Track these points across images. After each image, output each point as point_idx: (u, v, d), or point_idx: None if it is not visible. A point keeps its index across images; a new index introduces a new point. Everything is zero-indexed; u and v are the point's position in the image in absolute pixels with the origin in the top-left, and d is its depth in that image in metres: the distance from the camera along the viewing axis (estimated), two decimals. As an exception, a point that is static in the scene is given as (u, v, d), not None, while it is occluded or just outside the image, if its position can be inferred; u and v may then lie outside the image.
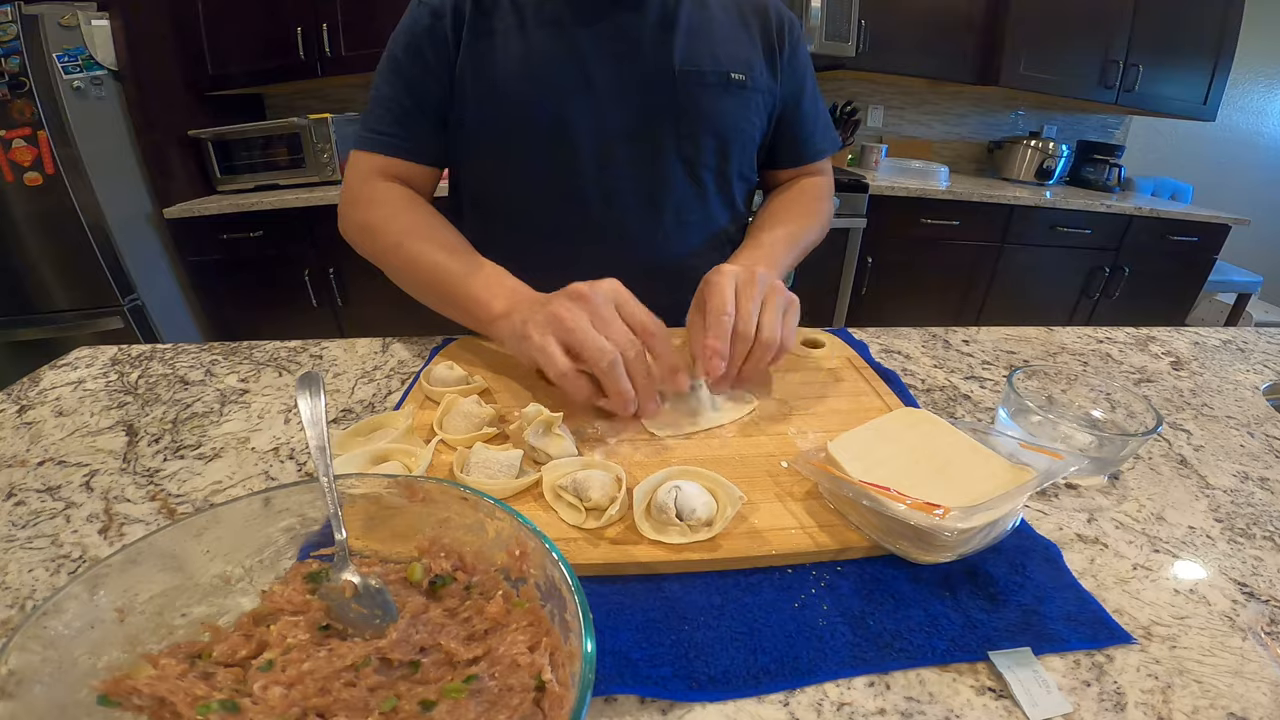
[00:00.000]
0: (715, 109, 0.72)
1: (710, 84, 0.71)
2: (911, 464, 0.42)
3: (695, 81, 0.70)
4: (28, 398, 0.61)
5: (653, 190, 0.74)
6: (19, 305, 1.96)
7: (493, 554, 0.33)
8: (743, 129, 0.76)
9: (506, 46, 0.69)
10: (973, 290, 2.40)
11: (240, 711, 0.25)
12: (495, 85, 0.69)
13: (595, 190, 0.73)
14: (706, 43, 0.71)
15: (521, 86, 0.69)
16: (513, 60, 0.69)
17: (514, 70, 0.69)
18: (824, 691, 0.31)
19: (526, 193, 0.75)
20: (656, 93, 0.70)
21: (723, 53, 0.72)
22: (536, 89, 0.69)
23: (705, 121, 0.72)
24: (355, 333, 0.76)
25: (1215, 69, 2.42)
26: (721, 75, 0.71)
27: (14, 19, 1.68)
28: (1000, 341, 0.76)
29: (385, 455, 0.45)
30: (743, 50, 0.73)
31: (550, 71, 0.69)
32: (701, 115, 0.72)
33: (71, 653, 0.26)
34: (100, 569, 0.27)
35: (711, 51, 0.71)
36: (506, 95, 0.70)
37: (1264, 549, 0.42)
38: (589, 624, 0.25)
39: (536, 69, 0.69)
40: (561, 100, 0.69)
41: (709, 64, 0.71)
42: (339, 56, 2.14)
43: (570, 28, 0.69)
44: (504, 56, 0.69)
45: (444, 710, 0.25)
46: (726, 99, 0.72)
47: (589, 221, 0.74)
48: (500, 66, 0.69)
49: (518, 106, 0.70)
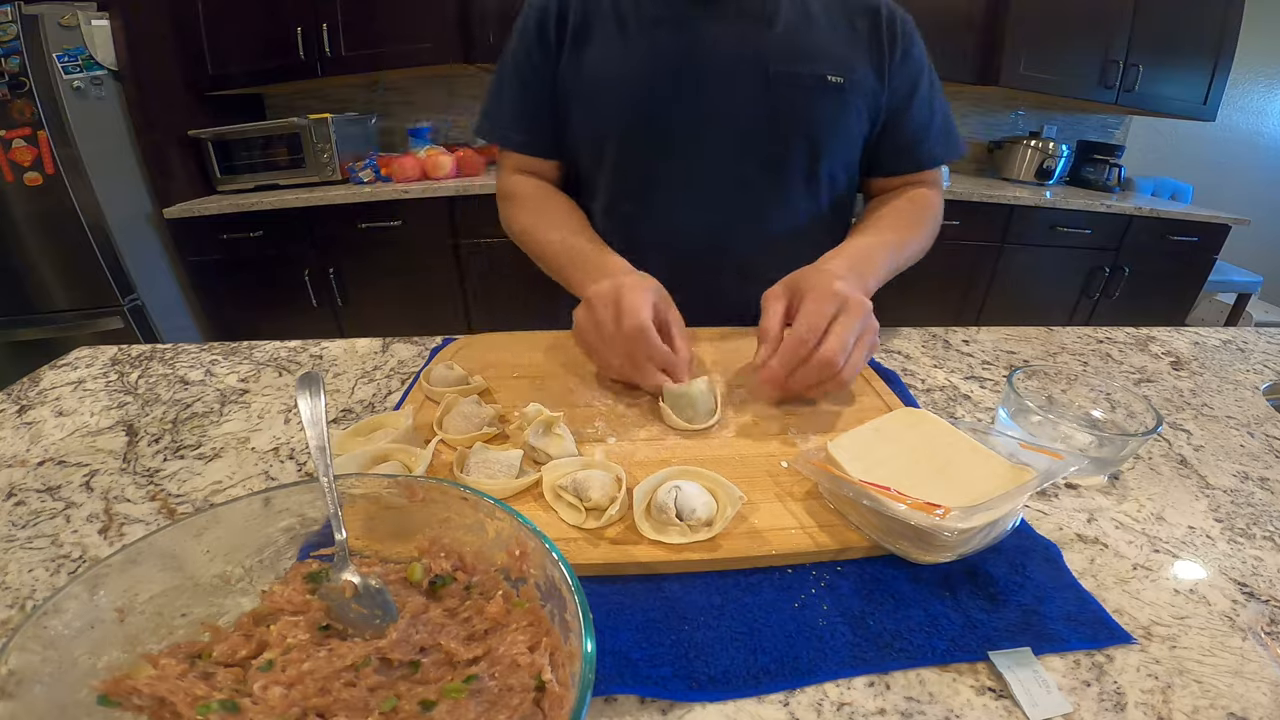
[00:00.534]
0: (808, 111, 0.72)
1: (804, 85, 0.70)
2: (911, 464, 0.41)
3: (788, 82, 0.70)
4: (28, 398, 0.61)
5: (739, 189, 0.75)
6: (19, 305, 1.96)
7: (493, 554, 0.33)
8: (838, 132, 0.74)
9: (606, 49, 0.71)
10: (973, 290, 2.40)
11: (240, 711, 0.25)
12: (595, 87, 0.72)
13: (683, 188, 0.75)
14: (802, 43, 0.71)
15: (617, 88, 0.71)
16: (611, 62, 0.71)
17: (611, 72, 0.71)
18: (824, 691, 0.31)
19: (620, 188, 0.77)
20: (748, 93, 0.70)
21: (820, 53, 0.71)
22: (630, 90, 0.71)
23: (796, 123, 0.72)
24: (355, 333, 0.76)
25: (1215, 69, 2.41)
26: (817, 77, 0.70)
27: (14, 19, 1.68)
28: (1000, 341, 0.76)
29: (385, 455, 0.45)
30: (843, 51, 0.72)
31: (644, 73, 0.70)
32: (793, 117, 0.72)
33: (71, 653, 0.26)
34: (100, 569, 0.27)
35: (807, 52, 0.70)
36: (603, 96, 0.72)
37: (1264, 549, 0.42)
38: (589, 624, 0.25)
39: (631, 71, 0.71)
40: (653, 101, 0.71)
41: (804, 65, 0.70)
42: (339, 56, 2.14)
43: (666, 29, 0.70)
44: (603, 58, 0.71)
45: (444, 710, 0.25)
46: (822, 101, 0.71)
47: (676, 216, 0.76)
48: (599, 68, 0.71)
49: (613, 107, 0.72)
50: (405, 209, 2.10)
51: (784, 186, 0.76)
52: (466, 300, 2.28)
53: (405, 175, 2.17)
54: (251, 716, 0.25)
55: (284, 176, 2.19)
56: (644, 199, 0.76)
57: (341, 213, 2.09)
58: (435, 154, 2.20)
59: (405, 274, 2.22)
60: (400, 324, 2.22)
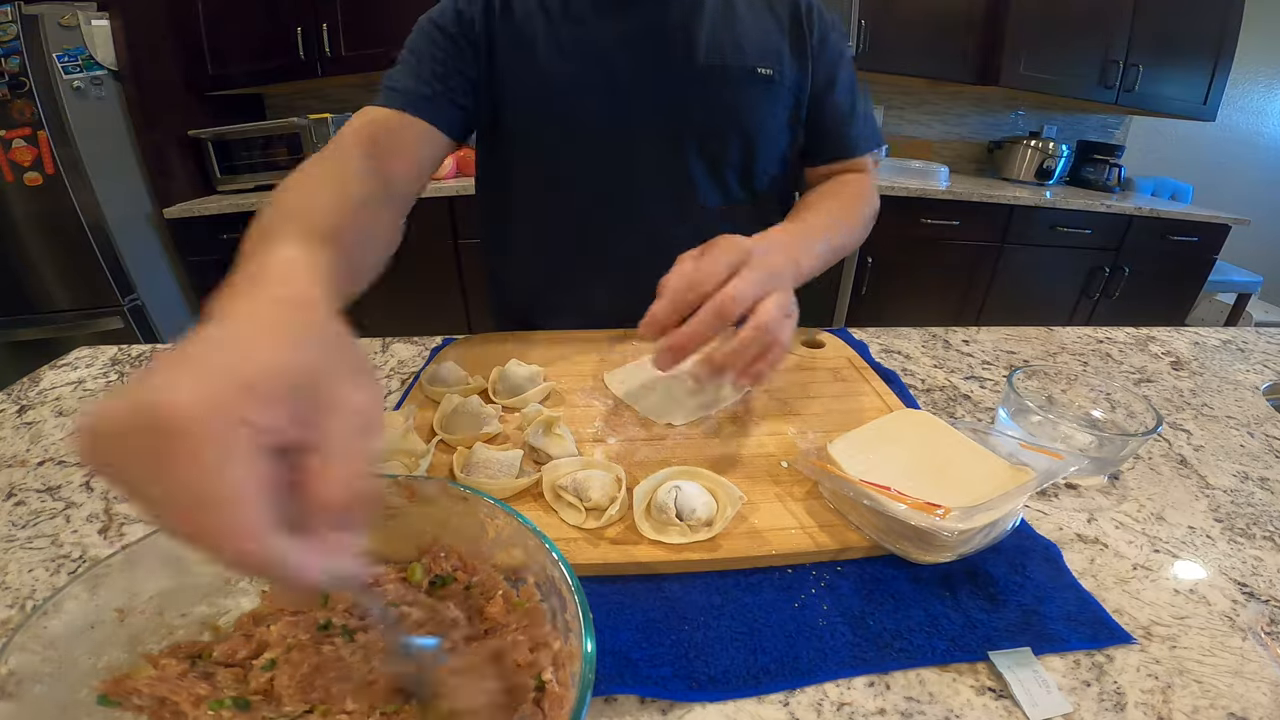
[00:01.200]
0: (740, 105, 0.70)
1: (734, 79, 0.69)
2: (911, 464, 0.42)
3: (718, 76, 0.69)
4: (28, 398, 0.61)
5: (676, 188, 0.74)
6: (19, 305, 1.95)
7: (493, 554, 0.33)
8: (769, 125, 0.73)
9: (536, 49, 0.69)
10: (973, 290, 2.40)
11: (251, 709, 0.25)
12: (530, 88, 0.70)
13: (621, 188, 0.73)
14: (731, 35, 0.69)
15: (550, 86, 0.70)
16: (543, 61, 0.69)
17: (544, 70, 0.69)
18: (824, 691, 0.31)
19: (557, 190, 0.76)
20: (678, 88, 0.69)
21: (749, 45, 0.69)
22: (562, 89, 0.69)
23: (729, 118, 0.71)
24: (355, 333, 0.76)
25: (1215, 69, 2.41)
26: (747, 70, 0.69)
27: (14, 19, 1.68)
28: (1000, 341, 0.76)
29: (385, 455, 0.45)
30: (771, 42, 0.71)
31: (574, 70, 0.69)
32: (725, 111, 0.70)
33: (72, 653, 0.26)
34: (100, 569, 0.27)
35: (736, 44, 0.69)
36: (539, 97, 0.70)
37: (1264, 549, 0.42)
38: (589, 624, 0.25)
39: (562, 68, 0.69)
40: (585, 98, 0.70)
41: (733, 58, 0.69)
42: (339, 56, 2.14)
43: (594, 24, 0.69)
44: (537, 58, 0.69)
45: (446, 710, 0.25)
46: (752, 94, 0.70)
47: (615, 218, 0.75)
48: (533, 69, 0.69)
49: (547, 106, 0.70)
50: (406, 209, 2.10)
51: (720, 181, 0.75)
52: (466, 300, 2.28)
53: (405, 175, 2.17)
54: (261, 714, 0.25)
55: (284, 176, 2.17)
56: (580, 197, 0.75)
57: (341, 213, 2.08)
58: (435, 154, 2.20)
59: (405, 274, 2.22)
60: (400, 324, 2.21)
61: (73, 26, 1.78)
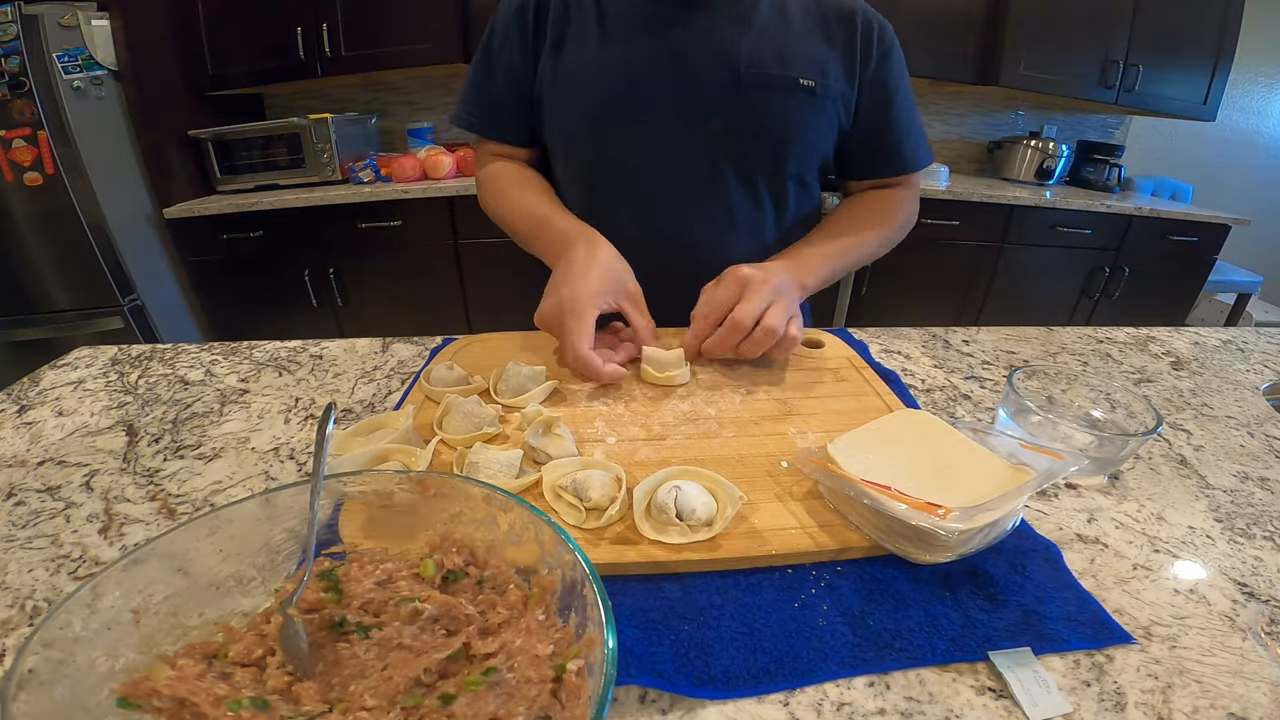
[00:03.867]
0: (776, 113, 0.72)
1: (775, 87, 0.71)
2: (911, 464, 0.42)
3: (758, 84, 0.70)
4: (28, 398, 0.61)
5: (707, 190, 0.75)
6: (19, 305, 1.96)
7: (505, 548, 0.33)
8: (807, 135, 0.75)
9: (583, 47, 0.71)
10: (973, 290, 2.40)
11: (270, 709, 0.25)
12: (568, 85, 0.72)
13: (656, 188, 0.75)
14: (777, 45, 0.71)
15: (589, 87, 0.72)
16: (586, 61, 0.71)
17: (585, 71, 0.72)
18: (824, 691, 0.31)
19: (591, 187, 0.78)
20: (718, 94, 0.71)
21: (793, 56, 0.71)
22: (601, 90, 0.71)
23: (762, 125, 0.72)
24: (355, 333, 0.77)
25: (1215, 69, 2.41)
26: (789, 79, 0.71)
27: (14, 19, 1.68)
28: (1000, 341, 0.76)
29: (385, 455, 0.45)
30: (817, 54, 0.72)
31: (617, 73, 0.71)
32: (759, 118, 0.72)
33: (90, 654, 0.26)
34: (114, 570, 0.27)
35: (781, 54, 0.71)
36: (576, 95, 0.73)
37: (1264, 549, 0.42)
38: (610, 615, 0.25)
39: (604, 70, 0.71)
40: (624, 101, 0.71)
41: (776, 67, 0.70)
42: (339, 56, 2.14)
43: (643, 29, 0.70)
44: (579, 57, 0.72)
45: (464, 703, 0.26)
46: (791, 104, 0.72)
47: (648, 216, 0.76)
48: (573, 67, 0.72)
49: (584, 106, 0.73)
50: (405, 209, 2.10)
51: (753, 187, 0.76)
52: (466, 300, 2.28)
53: (405, 175, 2.17)
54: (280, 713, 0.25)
55: (284, 176, 2.19)
56: (616, 198, 0.77)
57: (341, 213, 2.08)
58: (435, 154, 2.20)
59: (405, 274, 2.22)
60: (400, 324, 2.22)
61: (73, 26, 1.78)
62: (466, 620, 0.30)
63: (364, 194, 2.07)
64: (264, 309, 2.28)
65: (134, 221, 2.06)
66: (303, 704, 0.26)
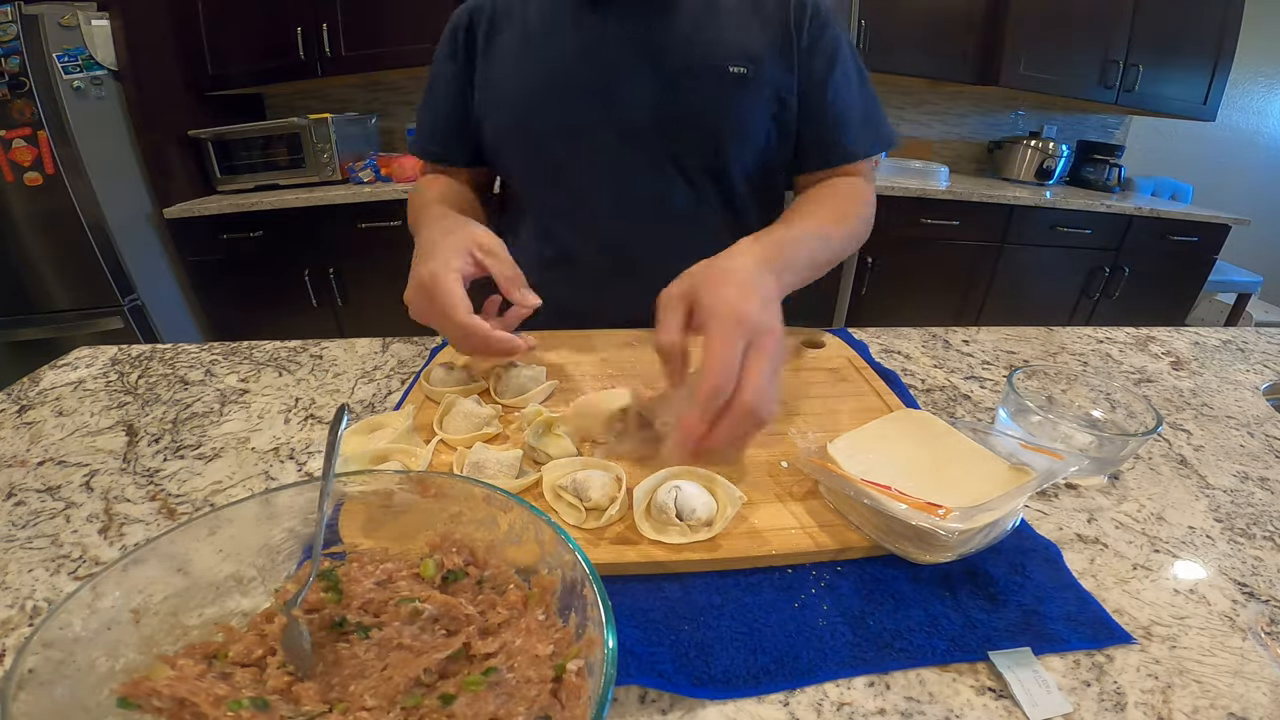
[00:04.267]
0: (707, 105, 0.68)
1: (703, 78, 0.67)
2: (911, 464, 0.42)
3: (685, 75, 0.67)
4: (28, 398, 0.61)
5: (651, 190, 0.72)
6: (19, 305, 1.95)
7: (504, 548, 0.33)
8: (743, 126, 0.70)
9: (509, 57, 0.70)
10: (973, 290, 2.40)
11: (270, 709, 0.25)
12: (502, 91, 0.72)
13: (592, 186, 0.73)
14: (702, 32, 0.68)
15: (516, 94, 0.71)
16: (512, 70, 0.71)
17: (511, 79, 0.71)
18: (824, 691, 0.31)
19: (537, 192, 0.77)
20: (644, 89, 0.68)
21: (722, 43, 0.67)
22: (528, 95, 0.70)
23: (694, 118, 0.69)
24: (355, 333, 0.76)
25: (1215, 69, 2.41)
26: (717, 68, 0.67)
27: (14, 19, 1.68)
28: (1000, 341, 0.76)
29: (385, 455, 0.45)
30: (749, 40, 0.68)
31: (541, 78, 0.70)
32: (688, 110, 0.68)
33: (90, 654, 0.26)
34: (114, 570, 0.27)
35: (708, 43, 0.67)
36: (506, 103, 0.72)
37: (1264, 549, 0.42)
38: (609, 615, 0.25)
39: (529, 76, 0.70)
40: (555, 101, 0.70)
41: (703, 56, 0.67)
42: (339, 56, 2.14)
43: (565, 31, 0.69)
44: (505, 67, 0.71)
45: (464, 703, 0.26)
46: (721, 94, 0.68)
47: (598, 221, 0.75)
48: (501, 77, 0.71)
49: (514, 113, 0.72)
50: (405, 209, 2.09)
51: (695, 185, 0.73)
52: (466, 300, 2.28)
53: (405, 175, 2.17)
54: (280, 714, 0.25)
55: (284, 176, 2.19)
56: (557, 201, 0.76)
57: (341, 213, 2.08)
58: (435, 154, 2.20)
59: (405, 274, 2.20)
60: (400, 324, 2.21)
61: (73, 26, 1.78)
62: (466, 620, 0.30)
63: (364, 194, 2.07)
64: (264, 309, 2.28)
65: (134, 221, 2.06)
66: (303, 704, 0.26)
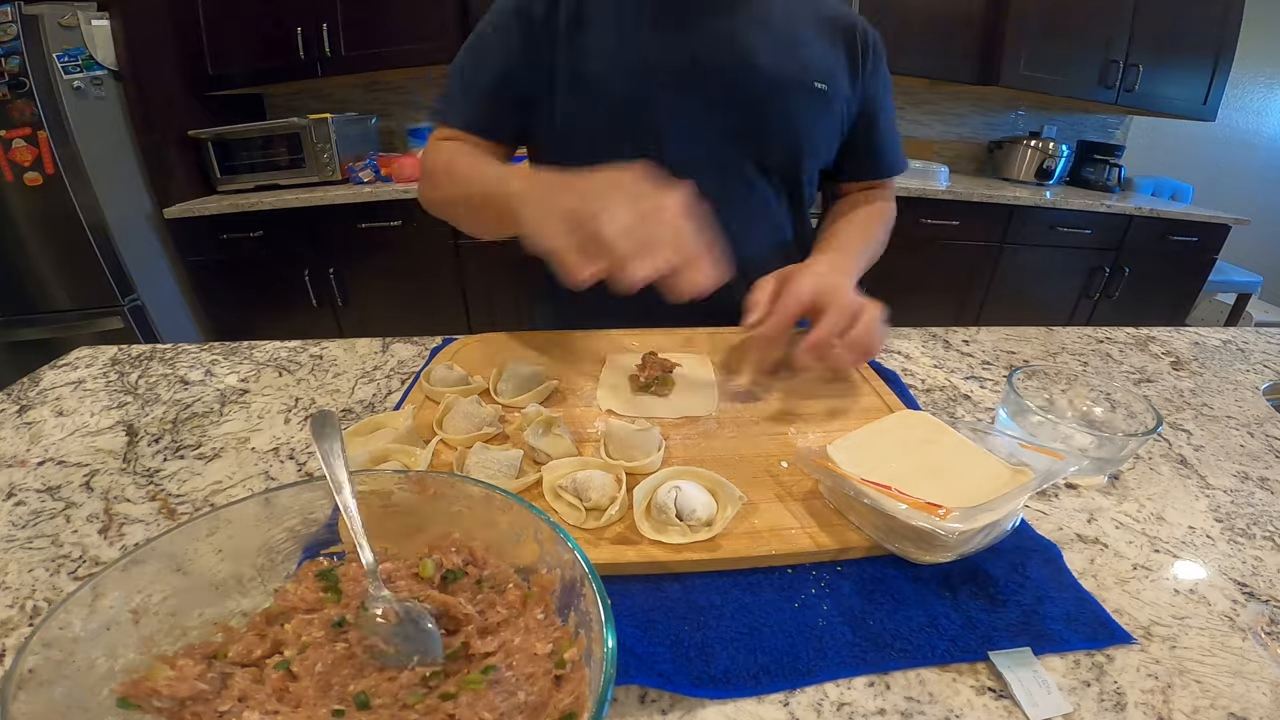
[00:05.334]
0: (796, 116, 0.73)
1: (793, 90, 0.72)
2: (911, 465, 0.41)
3: (779, 87, 0.72)
4: (28, 398, 0.61)
5: (729, 192, 0.75)
6: (19, 305, 1.95)
7: (504, 547, 0.33)
8: (818, 138, 0.77)
9: (603, 41, 0.70)
10: (973, 290, 2.40)
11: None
12: (587, 80, 0.71)
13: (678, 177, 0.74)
14: (793, 49, 0.72)
15: (612, 82, 0.71)
16: (606, 56, 0.70)
17: (606, 66, 0.71)
18: (824, 691, 0.31)
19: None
20: (740, 96, 0.71)
21: (808, 61, 0.73)
22: (625, 86, 0.71)
23: (785, 127, 0.74)
24: (355, 333, 0.76)
25: (1215, 69, 2.41)
26: (805, 83, 0.72)
27: (14, 19, 1.68)
28: (1000, 341, 0.76)
29: (385, 455, 0.45)
30: (826, 60, 0.74)
31: (640, 69, 0.70)
32: (782, 121, 0.73)
33: (90, 654, 0.26)
34: (114, 570, 0.27)
35: (797, 58, 0.72)
36: (597, 90, 0.71)
37: (1264, 549, 0.42)
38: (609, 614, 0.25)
39: (627, 66, 0.70)
40: (649, 98, 0.71)
41: (795, 71, 0.72)
42: (339, 56, 2.14)
43: (664, 28, 0.70)
44: (599, 51, 0.70)
45: (464, 702, 0.26)
46: (809, 107, 0.73)
47: None
48: (594, 61, 0.71)
49: (606, 102, 0.72)
50: (405, 209, 2.10)
51: (773, 186, 0.78)
52: (466, 300, 2.28)
53: (405, 175, 2.17)
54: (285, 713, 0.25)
55: (284, 176, 2.19)
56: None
57: (341, 213, 2.08)
58: (435, 154, 2.20)
59: (405, 274, 2.22)
60: (400, 324, 2.21)
61: (73, 26, 1.78)
62: (466, 619, 0.30)
63: (364, 194, 2.07)
64: (264, 309, 2.28)
65: (134, 221, 2.06)
66: (301, 704, 0.26)
